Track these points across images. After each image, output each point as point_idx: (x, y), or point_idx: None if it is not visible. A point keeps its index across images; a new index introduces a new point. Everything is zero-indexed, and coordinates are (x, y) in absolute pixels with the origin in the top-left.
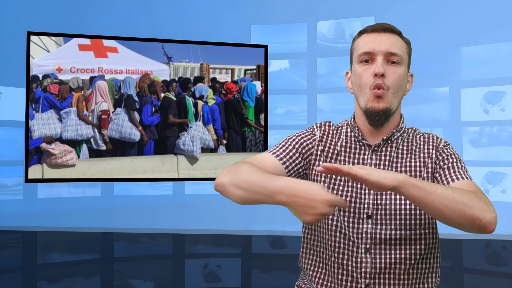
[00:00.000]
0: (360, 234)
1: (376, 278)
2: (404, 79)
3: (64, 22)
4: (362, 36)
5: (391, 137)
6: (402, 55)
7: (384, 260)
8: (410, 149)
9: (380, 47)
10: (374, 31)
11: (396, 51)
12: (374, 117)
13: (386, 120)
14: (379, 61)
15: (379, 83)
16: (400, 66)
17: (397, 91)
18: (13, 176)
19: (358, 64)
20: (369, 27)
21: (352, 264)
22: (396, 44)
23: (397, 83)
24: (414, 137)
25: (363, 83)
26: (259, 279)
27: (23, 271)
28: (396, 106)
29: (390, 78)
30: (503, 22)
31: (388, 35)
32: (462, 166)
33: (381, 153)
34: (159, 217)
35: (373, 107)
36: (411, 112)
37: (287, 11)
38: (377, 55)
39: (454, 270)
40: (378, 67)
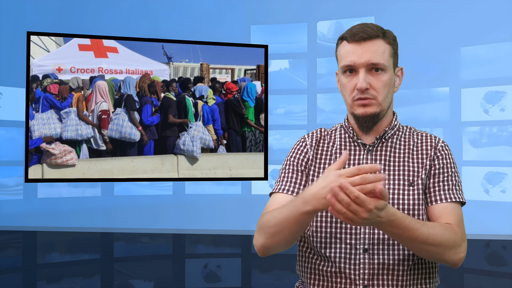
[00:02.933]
0: (358, 235)
1: (374, 279)
2: (391, 82)
3: (64, 22)
4: (343, 44)
5: (384, 135)
6: (385, 62)
7: (383, 261)
8: (407, 148)
9: (361, 59)
10: (354, 40)
11: (378, 61)
12: (362, 123)
13: (375, 124)
14: (361, 75)
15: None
16: (384, 72)
17: (386, 96)
18: (13, 176)
19: (343, 75)
20: (349, 33)
21: (349, 267)
22: (377, 51)
23: (384, 90)
24: (411, 136)
25: (347, 93)
26: (259, 279)
27: (23, 271)
28: (387, 108)
29: (375, 87)
30: (503, 22)
31: (369, 43)
32: (456, 181)
33: (377, 153)
34: (159, 217)
35: (361, 113)
36: (411, 112)
37: (287, 11)
38: (359, 67)
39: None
40: (360, 82)
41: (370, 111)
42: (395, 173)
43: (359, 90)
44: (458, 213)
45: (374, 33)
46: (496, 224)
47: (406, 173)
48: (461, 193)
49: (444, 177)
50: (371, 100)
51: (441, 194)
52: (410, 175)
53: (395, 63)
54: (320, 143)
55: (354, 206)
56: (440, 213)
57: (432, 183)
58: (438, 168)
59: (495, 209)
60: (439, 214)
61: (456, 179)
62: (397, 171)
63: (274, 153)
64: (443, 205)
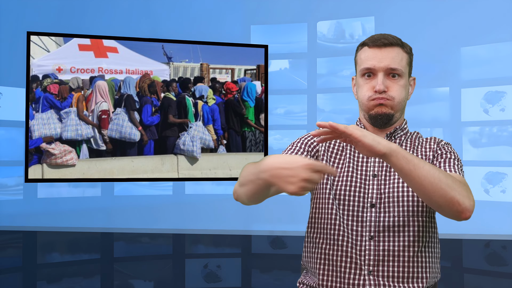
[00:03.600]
0: (364, 223)
1: (379, 265)
2: (406, 89)
3: (64, 22)
4: (364, 50)
5: (394, 134)
6: (402, 68)
7: (388, 248)
8: (413, 147)
9: (381, 63)
10: (375, 46)
11: (396, 66)
12: (379, 121)
13: (387, 124)
14: (380, 78)
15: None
16: (401, 78)
17: (401, 100)
18: (13, 176)
19: (361, 78)
20: (370, 39)
21: (356, 252)
22: (396, 58)
23: (400, 94)
24: (417, 138)
25: (365, 95)
26: (259, 279)
27: (23, 271)
28: (400, 115)
29: (392, 90)
30: (503, 22)
31: (389, 49)
32: (459, 163)
33: None
34: (159, 217)
35: (376, 112)
36: (411, 112)
37: (287, 11)
38: (378, 71)
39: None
40: (379, 85)
41: (383, 110)
42: None
43: (377, 92)
44: (464, 180)
45: (394, 41)
46: (496, 224)
47: None
48: (462, 172)
49: (447, 159)
50: (387, 101)
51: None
52: None
53: (410, 72)
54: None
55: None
56: None
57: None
58: (439, 154)
59: (495, 209)
60: None
61: (457, 162)
62: None
63: (274, 153)
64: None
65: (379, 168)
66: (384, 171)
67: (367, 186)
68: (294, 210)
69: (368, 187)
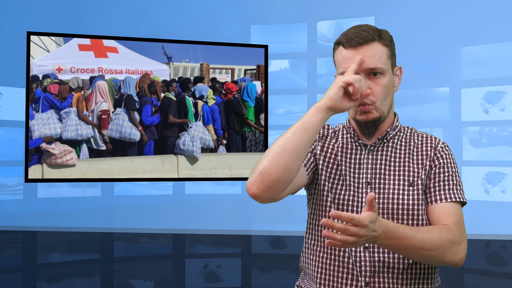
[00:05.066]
0: None
1: (376, 276)
2: (390, 85)
3: (64, 22)
4: (340, 50)
5: (386, 136)
6: (383, 65)
7: (383, 259)
8: (408, 149)
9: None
10: (350, 46)
11: (376, 65)
12: (364, 128)
13: (376, 128)
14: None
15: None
16: (383, 76)
17: (385, 99)
18: (13, 176)
19: None
20: (345, 38)
21: (352, 262)
22: (375, 55)
23: (383, 93)
24: (412, 136)
25: None
26: (259, 279)
27: (23, 271)
28: (388, 110)
29: (374, 92)
30: (503, 22)
31: (365, 48)
32: (456, 181)
33: (377, 153)
34: (159, 217)
35: (362, 119)
36: (411, 112)
37: (287, 11)
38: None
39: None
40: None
41: (371, 117)
42: (395, 173)
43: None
44: (457, 213)
45: (370, 36)
46: (496, 224)
47: (406, 173)
48: (461, 193)
49: (445, 177)
50: (369, 107)
51: (441, 194)
52: (410, 175)
53: (393, 63)
54: (327, 139)
55: (352, 228)
56: (439, 213)
57: (433, 183)
58: (438, 167)
59: (495, 209)
60: (438, 214)
61: (456, 179)
62: (397, 171)
63: None
64: (442, 205)
65: (372, 175)
66: (378, 178)
67: (360, 195)
68: (294, 210)
69: (361, 195)
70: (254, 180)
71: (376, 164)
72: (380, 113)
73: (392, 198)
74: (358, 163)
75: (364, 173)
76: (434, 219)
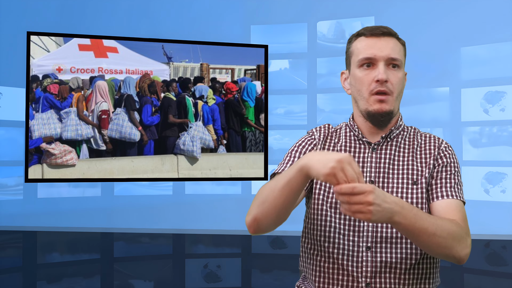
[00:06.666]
0: (361, 233)
1: (377, 277)
2: (404, 81)
3: (64, 22)
4: (360, 39)
5: (390, 135)
6: (401, 59)
7: (385, 259)
8: (411, 147)
9: (381, 52)
10: (373, 35)
11: (396, 56)
12: (379, 118)
13: (389, 121)
14: (381, 67)
15: (382, 89)
16: (400, 69)
17: (399, 94)
18: (13, 176)
19: (359, 69)
20: (366, 30)
21: (352, 264)
22: (395, 48)
23: (399, 87)
24: (415, 136)
25: (364, 87)
26: (259, 279)
27: (23, 271)
28: (398, 109)
29: (393, 82)
30: (503, 22)
31: (387, 39)
32: (458, 180)
33: (381, 151)
34: (159, 217)
35: (376, 109)
36: (411, 112)
37: (287, 11)
38: (378, 61)
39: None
40: (381, 74)
41: (385, 108)
42: (399, 171)
43: (379, 82)
44: (462, 210)
45: (391, 31)
46: (496, 224)
47: (410, 172)
48: (461, 193)
49: (447, 175)
50: (388, 96)
51: (446, 190)
52: (414, 174)
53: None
54: (328, 139)
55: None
56: (445, 209)
57: (435, 180)
58: (441, 166)
59: (495, 209)
60: (444, 210)
61: (458, 179)
62: (401, 170)
63: (274, 153)
64: (447, 201)
65: (376, 174)
66: (381, 177)
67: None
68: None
69: None
70: (250, 223)
71: (380, 162)
72: (394, 107)
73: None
74: (362, 162)
75: (368, 171)
76: (439, 214)
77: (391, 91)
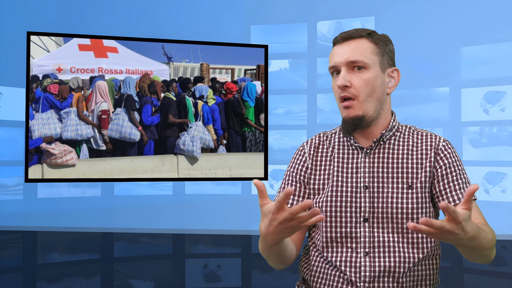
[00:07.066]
0: (358, 239)
1: (375, 282)
2: (375, 81)
3: (64, 22)
4: (332, 49)
5: (381, 138)
6: (365, 59)
7: (383, 263)
8: (406, 149)
9: (340, 59)
10: (336, 43)
11: (357, 58)
12: (350, 124)
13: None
14: (341, 73)
15: (343, 95)
16: (367, 70)
17: (369, 96)
18: (13, 176)
19: (332, 78)
20: (335, 38)
21: (350, 270)
22: (357, 50)
23: (365, 89)
24: (411, 135)
25: (335, 96)
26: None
27: (23, 271)
28: (374, 110)
29: (356, 86)
30: (503, 22)
31: (349, 43)
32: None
33: (374, 156)
34: (159, 217)
35: (344, 116)
36: (411, 112)
37: (287, 11)
38: (340, 67)
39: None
40: (339, 80)
41: (352, 113)
42: (394, 175)
43: (339, 88)
44: (478, 209)
45: (357, 33)
46: (496, 224)
47: (405, 176)
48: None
49: (453, 177)
50: (351, 102)
51: (455, 194)
52: (409, 178)
53: (385, 63)
54: (319, 150)
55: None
56: None
57: (443, 186)
58: (444, 169)
59: (495, 209)
60: None
61: (464, 176)
62: (395, 174)
63: (274, 153)
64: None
65: (370, 179)
66: (376, 182)
67: (359, 199)
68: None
69: (360, 200)
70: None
71: (374, 167)
72: (363, 111)
73: (391, 202)
74: (356, 167)
75: (362, 177)
76: None
77: (354, 95)
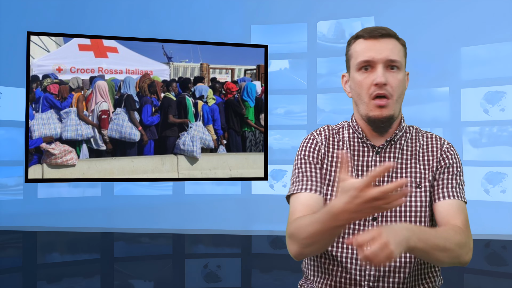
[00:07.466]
0: None
1: (379, 281)
2: (404, 83)
3: (64, 22)
4: (359, 42)
5: (394, 138)
6: (401, 60)
7: (389, 263)
8: (414, 150)
9: (380, 55)
10: (371, 37)
11: (395, 58)
12: (379, 124)
13: (390, 126)
14: (379, 70)
15: (381, 93)
16: (400, 71)
17: (399, 97)
18: (13, 176)
19: (358, 72)
20: (365, 31)
21: (355, 268)
22: (394, 49)
23: (399, 89)
24: (417, 136)
25: (363, 91)
26: (259, 279)
27: (23, 271)
28: (399, 111)
29: (392, 85)
30: (503, 22)
31: (386, 40)
32: (460, 181)
33: (385, 155)
34: (159, 217)
35: (376, 115)
36: (411, 112)
37: (287, 11)
38: (377, 63)
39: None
40: (379, 77)
41: (385, 113)
42: (403, 175)
43: (377, 85)
44: (464, 212)
45: (390, 32)
46: (496, 224)
47: (414, 175)
48: (463, 193)
49: (449, 175)
50: (387, 100)
51: (446, 191)
52: (417, 177)
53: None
54: (330, 141)
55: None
56: (448, 210)
57: (437, 181)
58: (443, 167)
59: (495, 209)
60: (446, 212)
61: (460, 178)
62: (405, 173)
63: (274, 153)
64: (450, 202)
65: (381, 178)
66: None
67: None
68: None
69: None
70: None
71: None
72: (394, 111)
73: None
74: (366, 165)
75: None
76: (443, 216)
77: (390, 94)
